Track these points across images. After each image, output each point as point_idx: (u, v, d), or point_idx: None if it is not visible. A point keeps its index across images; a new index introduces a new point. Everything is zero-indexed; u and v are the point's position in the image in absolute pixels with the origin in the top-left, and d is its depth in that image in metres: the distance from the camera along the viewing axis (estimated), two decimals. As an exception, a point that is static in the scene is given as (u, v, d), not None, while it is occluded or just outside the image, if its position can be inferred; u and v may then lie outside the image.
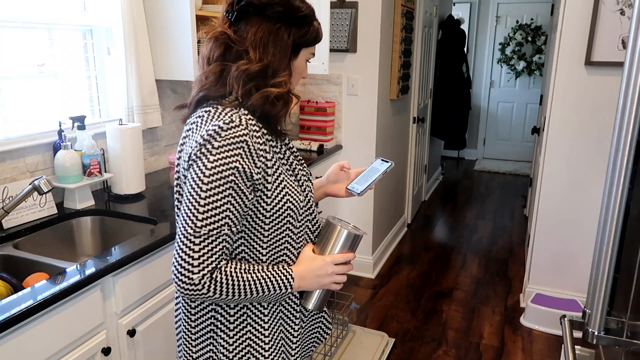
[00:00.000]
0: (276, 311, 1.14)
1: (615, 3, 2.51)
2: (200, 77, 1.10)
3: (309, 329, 1.26)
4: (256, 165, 1.01)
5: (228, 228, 1.00)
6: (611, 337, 1.01)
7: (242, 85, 1.02)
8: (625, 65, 0.89)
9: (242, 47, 1.04)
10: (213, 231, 0.98)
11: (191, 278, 0.97)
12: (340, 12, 3.10)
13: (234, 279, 1.01)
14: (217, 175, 0.97)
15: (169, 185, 2.27)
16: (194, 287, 0.98)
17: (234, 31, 1.05)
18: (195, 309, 1.12)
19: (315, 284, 1.12)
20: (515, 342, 2.76)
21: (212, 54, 1.07)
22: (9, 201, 1.66)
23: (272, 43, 1.04)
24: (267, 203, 1.04)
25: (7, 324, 1.16)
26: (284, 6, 1.04)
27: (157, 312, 1.72)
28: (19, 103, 1.93)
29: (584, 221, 2.86)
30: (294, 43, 1.07)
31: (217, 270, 0.99)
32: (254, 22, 1.04)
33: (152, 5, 2.24)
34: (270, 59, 1.04)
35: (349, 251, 1.15)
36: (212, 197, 0.97)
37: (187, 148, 1.04)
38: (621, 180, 0.91)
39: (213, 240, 0.98)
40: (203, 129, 1.01)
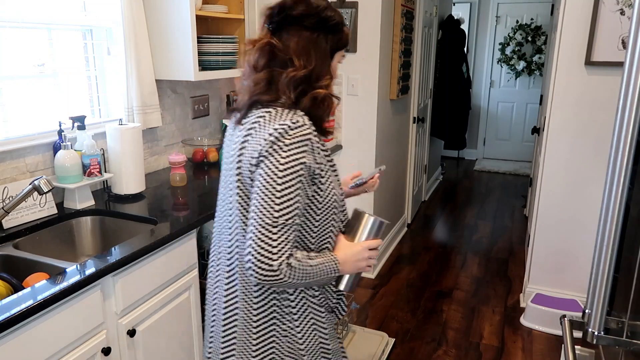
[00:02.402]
0: (320, 294, 1.26)
1: (615, 3, 2.51)
2: (248, 84, 1.20)
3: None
4: (316, 161, 1.13)
5: (297, 218, 1.10)
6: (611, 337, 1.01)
7: (292, 90, 1.14)
8: (625, 65, 0.89)
9: (286, 55, 1.15)
10: (288, 221, 1.08)
11: (271, 265, 1.06)
12: (340, 12, 3.10)
13: (302, 265, 1.11)
14: (289, 170, 1.08)
15: (169, 185, 2.27)
16: (272, 273, 1.06)
17: (277, 41, 1.17)
18: (257, 297, 1.19)
19: (354, 267, 1.24)
20: (515, 342, 2.76)
21: (259, 62, 1.18)
22: (9, 201, 1.66)
23: (313, 50, 1.17)
24: (320, 196, 1.16)
25: (7, 324, 1.16)
26: (318, 17, 1.17)
27: (157, 312, 1.72)
28: (19, 103, 1.93)
29: (584, 221, 2.86)
30: (330, 48, 1.20)
31: (292, 257, 1.09)
32: (294, 32, 1.17)
33: (152, 5, 2.24)
34: (314, 65, 1.16)
35: (376, 238, 1.29)
36: (286, 190, 1.07)
37: (253, 146, 1.13)
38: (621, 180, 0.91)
39: (288, 229, 1.08)
40: (269, 128, 1.11)
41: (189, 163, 2.61)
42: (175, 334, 1.83)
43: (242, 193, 1.16)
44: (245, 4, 2.66)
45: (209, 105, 2.89)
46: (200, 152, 2.64)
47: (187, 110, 2.71)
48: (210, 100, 2.89)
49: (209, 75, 2.41)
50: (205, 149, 2.65)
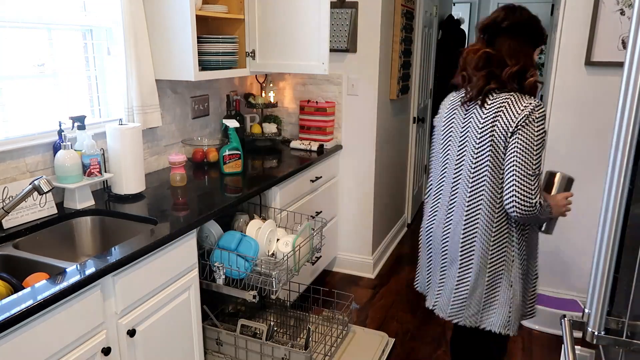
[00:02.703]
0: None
1: (615, 3, 2.51)
2: (471, 78, 1.64)
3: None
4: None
5: (540, 171, 1.55)
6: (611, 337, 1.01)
7: (513, 81, 1.58)
8: (625, 65, 0.89)
9: (500, 57, 1.60)
10: (538, 172, 1.53)
11: (531, 203, 1.51)
12: (340, 12, 3.11)
13: (544, 204, 1.55)
14: (540, 137, 1.52)
15: (169, 185, 2.27)
16: (531, 208, 1.51)
17: (490, 47, 1.62)
18: (495, 229, 1.63)
19: (557, 212, 1.68)
20: (515, 342, 2.76)
21: (479, 64, 1.62)
22: (9, 201, 1.66)
23: (520, 52, 1.60)
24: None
25: (7, 324, 1.16)
26: (521, 26, 1.62)
27: (157, 312, 1.72)
28: (19, 103, 1.93)
29: (584, 221, 2.86)
30: (532, 47, 1.64)
31: (541, 198, 1.54)
32: (503, 39, 1.62)
33: (152, 5, 2.24)
34: (523, 62, 1.59)
35: (567, 191, 1.72)
36: (538, 150, 1.52)
37: (504, 120, 1.55)
38: (621, 180, 0.91)
39: (538, 178, 1.54)
40: (517, 108, 1.54)
41: (189, 163, 2.61)
42: (175, 334, 1.83)
43: (493, 154, 1.57)
44: (245, 4, 2.66)
45: (209, 105, 2.89)
46: (200, 152, 2.64)
47: (187, 110, 2.71)
48: (210, 100, 2.89)
49: (209, 75, 2.41)
50: (205, 149, 2.65)
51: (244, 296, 2.04)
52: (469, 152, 1.63)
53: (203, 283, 2.05)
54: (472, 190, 1.64)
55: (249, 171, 2.62)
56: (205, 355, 2.13)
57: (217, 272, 2.03)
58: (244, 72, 2.74)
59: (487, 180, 1.60)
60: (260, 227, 2.16)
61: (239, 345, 2.21)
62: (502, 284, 1.67)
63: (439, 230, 1.77)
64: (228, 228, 2.27)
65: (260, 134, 3.09)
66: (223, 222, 2.23)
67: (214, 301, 2.33)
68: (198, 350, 1.99)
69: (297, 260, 2.15)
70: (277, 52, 2.70)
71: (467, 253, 1.68)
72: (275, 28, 2.67)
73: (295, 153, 3.05)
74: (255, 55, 2.73)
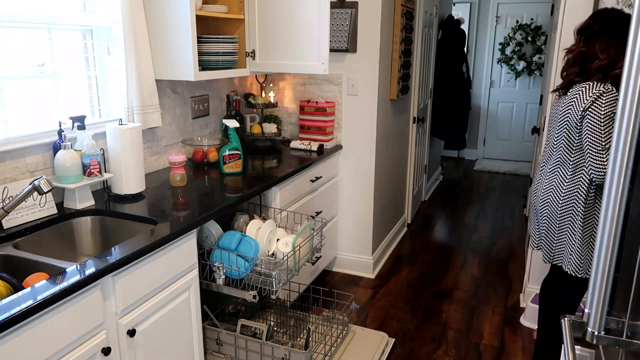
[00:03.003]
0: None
1: (615, 3, 2.50)
2: (567, 73, 2.03)
3: None
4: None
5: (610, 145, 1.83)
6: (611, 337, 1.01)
7: (599, 73, 1.90)
8: (626, 65, 0.89)
9: (593, 53, 1.93)
10: (608, 146, 1.83)
11: (604, 172, 1.84)
12: (340, 12, 3.11)
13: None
14: (607, 118, 1.84)
15: (169, 185, 2.27)
16: (604, 175, 1.67)
17: (584, 45, 1.97)
18: (565, 189, 2.03)
19: None
20: (515, 342, 2.76)
21: (572, 61, 2.00)
22: (9, 201, 1.66)
23: (612, 48, 1.89)
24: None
25: (7, 324, 1.16)
26: (611, 27, 1.92)
27: (157, 312, 1.72)
28: (19, 103, 1.93)
29: (584, 221, 2.86)
30: (621, 42, 1.87)
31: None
32: (596, 38, 1.94)
33: (152, 5, 2.24)
34: (612, 57, 1.88)
35: None
36: (606, 129, 1.84)
37: (575, 106, 1.92)
38: (621, 180, 0.91)
39: (608, 151, 1.83)
40: (587, 95, 1.88)
41: (189, 163, 2.61)
42: (175, 334, 1.83)
43: (567, 134, 1.98)
44: (245, 4, 2.66)
45: (209, 105, 2.89)
46: (200, 152, 2.64)
47: (187, 110, 2.71)
48: (210, 100, 2.89)
49: (209, 75, 2.41)
50: (205, 149, 2.66)
51: (244, 296, 2.04)
52: (553, 134, 2.08)
53: (203, 283, 2.05)
54: (553, 163, 2.09)
55: (249, 171, 2.62)
56: (205, 355, 2.13)
57: (217, 272, 2.04)
58: (244, 72, 2.74)
59: (562, 154, 2.03)
60: (260, 227, 2.16)
61: (239, 345, 2.21)
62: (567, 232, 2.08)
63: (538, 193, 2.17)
64: (228, 228, 2.27)
65: (260, 134, 3.09)
66: (223, 222, 2.23)
67: (214, 301, 2.33)
68: (198, 350, 1.99)
69: (297, 260, 2.15)
70: (277, 52, 2.70)
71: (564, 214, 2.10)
72: (275, 28, 2.67)
73: (295, 153, 3.05)
74: (255, 55, 2.73)
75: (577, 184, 1.99)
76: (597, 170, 1.88)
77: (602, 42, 1.92)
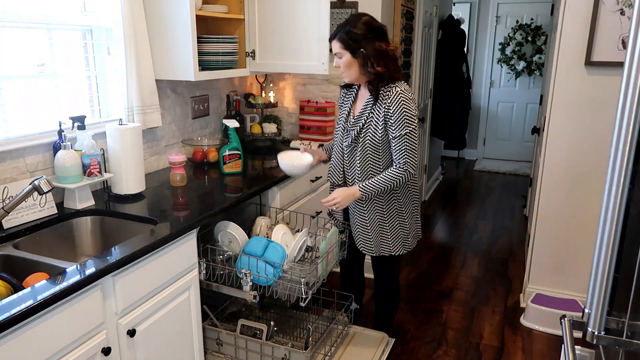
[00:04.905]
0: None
1: (615, 3, 2.50)
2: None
3: None
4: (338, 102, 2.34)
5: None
6: (611, 337, 1.01)
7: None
8: (625, 65, 0.89)
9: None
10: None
11: (416, 171, 2.10)
12: (340, 12, 3.11)
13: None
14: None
15: (169, 185, 2.27)
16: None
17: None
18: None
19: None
20: (515, 342, 2.76)
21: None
22: (9, 201, 1.66)
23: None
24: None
25: (7, 324, 1.16)
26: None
27: (157, 312, 1.72)
28: (19, 103, 1.93)
29: (584, 221, 2.86)
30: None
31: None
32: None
33: (152, 5, 2.24)
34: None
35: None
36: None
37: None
38: (621, 180, 0.91)
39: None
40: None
41: (189, 163, 2.61)
42: (175, 334, 1.83)
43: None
44: (245, 4, 2.66)
45: (209, 105, 2.89)
46: (200, 152, 2.64)
47: (187, 110, 2.71)
48: (210, 100, 2.89)
49: (209, 75, 2.41)
50: (205, 149, 2.65)
51: (245, 296, 2.04)
52: None
53: (203, 283, 2.04)
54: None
55: (249, 171, 2.62)
56: (205, 355, 2.13)
57: (244, 279, 2.00)
58: (244, 72, 2.74)
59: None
60: (285, 232, 2.15)
61: (239, 345, 2.21)
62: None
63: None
64: (246, 232, 2.25)
65: (260, 134, 3.09)
66: (245, 227, 2.22)
67: (214, 301, 2.33)
68: (198, 350, 1.99)
69: (325, 266, 2.14)
70: (277, 52, 2.70)
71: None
72: (275, 28, 2.67)
73: (295, 153, 3.05)
74: (255, 55, 2.73)
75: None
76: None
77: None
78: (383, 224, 2.24)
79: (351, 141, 2.16)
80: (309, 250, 2.26)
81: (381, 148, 2.10)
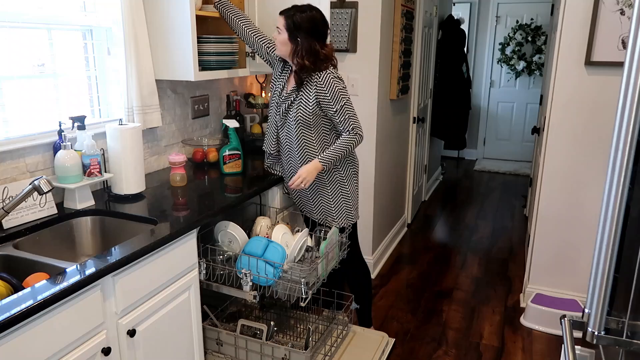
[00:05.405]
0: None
1: (615, 3, 2.51)
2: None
3: None
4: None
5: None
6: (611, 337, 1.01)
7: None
8: (625, 65, 0.89)
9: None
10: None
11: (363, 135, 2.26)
12: (340, 12, 3.11)
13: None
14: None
15: (169, 185, 2.27)
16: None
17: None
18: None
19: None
20: (515, 342, 2.76)
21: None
22: (9, 201, 1.66)
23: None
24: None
25: (7, 324, 1.16)
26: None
27: (157, 312, 1.72)
28: (19, 103, 1.93)
29: (584, 221, 2.86)
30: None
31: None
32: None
33: (152, 5, 2.24)
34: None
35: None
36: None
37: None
38: (621, 180, 0.91)
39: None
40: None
41: (189, 163, 2.61)
42: (175, 334, 1.83)
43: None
44: (245, 4, 2.66)
45: (209, 105, 2.89)
46: (200, 152, 2.64)
47: (187, 110, 2.71)
48: (210, 100, 2.89)
49: (209, 75, 2.41)
50: (205, 149, 2.65)
51: (245, 296, 2.04)
52: None
53: (203, 283, 2.05)
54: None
55: (249, 171, 2.62)
56: (205, 355, 2.13)
57: (244, 279, 2.00)
58: (244, 72, 2.74)
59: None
60: (285, 232, 2.15)
61: (239, 345, 2.21)
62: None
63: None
64: (246, 232, 2.25)
65: (260, 134, 3.09)
66: (245, 227, 2.22)
67: (214, 301, 2.33)
68: (198, 350, 1.99)
69: (325, 266, 2.14)
70: (277, 52, 2.70)
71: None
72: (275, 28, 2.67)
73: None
74: (255, 55, 2.73)
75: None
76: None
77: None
78: (326, 197, 2.34)
79: (282, 115, 2.30)
80: (309, 250, 2.26)
81: (312, 122, 2.23)
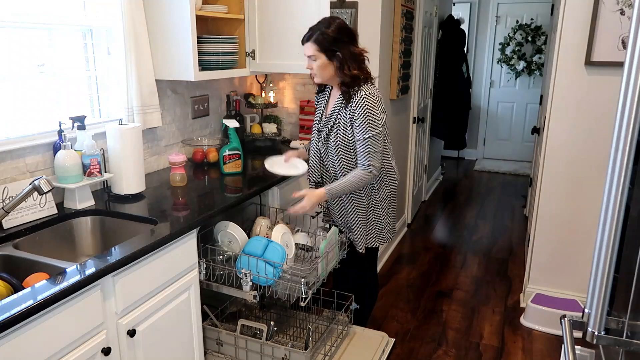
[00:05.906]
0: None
1: (615, 3, 2.50)
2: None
3: None
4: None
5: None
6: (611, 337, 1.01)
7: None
8: (625, 65, 0.89)
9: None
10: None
11: (379, 172, 2.16)
12: (340, 12, 3.10)
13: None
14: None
15: (169, 185, 2.27)
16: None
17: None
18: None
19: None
20: (515, 342, 2.76)
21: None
22: (9, 201, 1.66)
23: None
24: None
25: (7, 324, 1.16)
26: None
27: (157, 312, 1.72)
28: (19, 103, 1.93)
29: (584, 221, 2.86)
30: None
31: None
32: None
33: (152, 5, 2.24)
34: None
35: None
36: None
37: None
38: (621, 180, 0.91)
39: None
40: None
41: (189, 163, 2.61)
42: (175, 334, 1.83)
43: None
44: (245, 4, 2.66)
45: (209, 105, 2.89)
46: (200, 152, 2.64)
47: (187, 110, 2.71)
48: (210, 100, 2.89)
49: (209, 75, 2.41)
50: (205, 149, 2.65)
51: (245, 296, 2.04)
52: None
53: (203, 283, 2.04)
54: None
55: (249, 171, 2.62)
56: (205, 355, 2.13)
57: (244, 279, 2.00)
58: (244, 72, 2.74)
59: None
60: (285, 232, 2.15)
61: (239, 345, 2.21)
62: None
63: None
64: (246, 232, 2.25)
65: (260, 134, 3.09)
66: (245, 227, 2.22)
67: (214, 301, 2.33)
68: (198, 350, 1.99)
69: (325, 266, 2.14)
70: (277, 52, 2.70)
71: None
72: (275, 28, 2.67)
73: (295, 153, 3.05)
74: (255, 55, 2.73)
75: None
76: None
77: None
78: (362, 218, 2.27)
79: (323, 141, 2.20)
80: (309, 250, 2.26)
81: (352, 147, 2.14)
